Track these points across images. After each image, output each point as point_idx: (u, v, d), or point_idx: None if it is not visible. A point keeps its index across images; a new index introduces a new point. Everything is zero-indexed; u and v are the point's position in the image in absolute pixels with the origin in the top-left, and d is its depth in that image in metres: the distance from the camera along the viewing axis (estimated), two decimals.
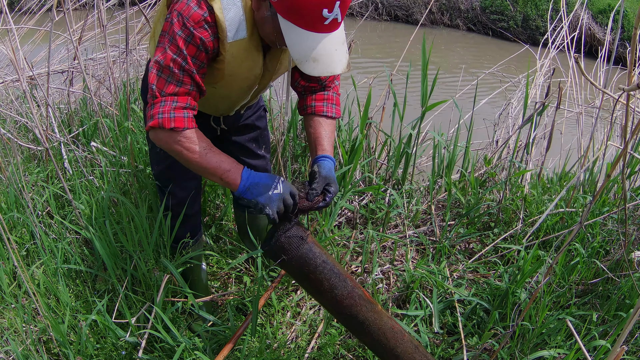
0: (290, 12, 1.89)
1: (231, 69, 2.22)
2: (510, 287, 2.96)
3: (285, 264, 2.24)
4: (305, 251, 2.19)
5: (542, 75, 5.06)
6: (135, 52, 5.37)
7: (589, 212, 2.66)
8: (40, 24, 5.65)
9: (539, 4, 13.98)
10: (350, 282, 2.26)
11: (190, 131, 2.13)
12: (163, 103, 2.10)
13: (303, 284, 2.34)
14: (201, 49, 2.07)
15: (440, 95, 7.76)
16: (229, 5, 2.06)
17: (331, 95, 2.59)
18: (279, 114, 4.04)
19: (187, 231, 2.97)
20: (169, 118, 2.09)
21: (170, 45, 2.06)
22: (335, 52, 1.99)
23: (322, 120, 2.54)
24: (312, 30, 1.92)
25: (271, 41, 2.14)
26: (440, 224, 3.86)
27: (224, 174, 2.17)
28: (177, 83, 2.10)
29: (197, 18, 2.02)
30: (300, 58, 1.96)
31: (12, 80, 5.18)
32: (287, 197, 2.15)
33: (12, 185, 3.44)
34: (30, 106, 3.41)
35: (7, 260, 3.14)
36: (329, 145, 2.47)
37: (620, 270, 3.15)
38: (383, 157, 4.35)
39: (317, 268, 2.21)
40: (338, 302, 2.24)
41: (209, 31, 2.06)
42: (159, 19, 2.36)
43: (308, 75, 2.41)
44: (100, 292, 3.02)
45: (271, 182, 2.14)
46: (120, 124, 4.17)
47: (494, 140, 4.90)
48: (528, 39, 13.93)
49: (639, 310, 1.47)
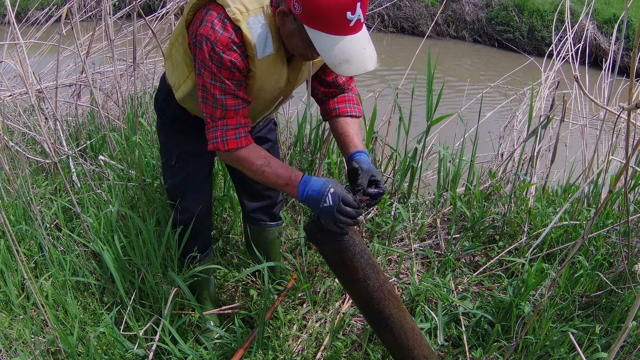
0: (316, 21, 1.95)
1: (260, 83, 2.28)
2: (514, 300, 2.98)
3: (326, 247, 2.30)
4: (347, 238, 2.24)
5: (547, 88, 5.07)
6: (142, 65, 5.40)
7: (591, 227, 2.68)
8: (48, 35, 5.69)
9: (545, 15, 13.99)
10: (382, 276, 2.31)
11: (245, 150, 2.26)
12: (215, 128, 2.23)
13: (337, 269, 2.37)
14: (233, 70, 2.13)
15: (446, 108, 7.78)
16: (254, 24, 2.11)
17: (351, 97, 2.66)
18: (285, 128, 4.07)
19: (198, 245, 3.01)
20: (222, 142, 2.23)
21: (204, 71, 2.14)
22: (364, 50, 2.05)
23: (349, 120, 2.60)
24: (340, 33, 1.98)
25: (300, 53, 2.20)
26: (445, 238, 3.88)
27: (283, 188, 2.27)
28: (221, 107, 2.20)
29: (225, 41, 2.08)
30: (334, 62, 2.02)
31: (20, 93, 5.21)
32: (343, 208, 2.15)
33: (21, 198, 3.47)
34: (38, 119, 3.44)
35: (15, 271, 3.17)
36: (360, 141, 2.53)
37: (624, 282, 3.16)
38: (389, 170, 4.38)
39: (355, 256, 2.26)
40: (368, 293, 2.29)
41: (238, 51, 2.12)
42: (175, 39, 2.39)
43: (327, 81, 2.56)
44: (108, 304, 3.04)
45: (320, 196, 2.16)
46: (127, 138, 4.20)
47: (499, 153, 4.92)
48: (534, 50, 13.93)
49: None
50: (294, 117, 3.78)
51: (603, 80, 5.18)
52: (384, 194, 2.36)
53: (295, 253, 3.66)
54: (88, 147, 4.52)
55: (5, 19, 9.12)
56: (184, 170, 2.80)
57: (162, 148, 2.86)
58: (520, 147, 4.33)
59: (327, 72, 2.58)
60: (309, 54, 2.15)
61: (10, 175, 3.43)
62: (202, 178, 2.88)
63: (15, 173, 3.82)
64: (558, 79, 4.54)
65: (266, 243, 3.28)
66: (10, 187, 3.69)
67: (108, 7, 4.12)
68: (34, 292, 2.64)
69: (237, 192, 3.21)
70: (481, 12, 14.91)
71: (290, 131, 4.04)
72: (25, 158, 4.11)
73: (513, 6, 14.45)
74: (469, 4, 15.04)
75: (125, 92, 4.96)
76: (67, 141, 4.38)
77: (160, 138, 2.86)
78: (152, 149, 3.91)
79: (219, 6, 2.10)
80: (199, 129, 2.38)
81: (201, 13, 2.15)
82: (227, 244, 3.70)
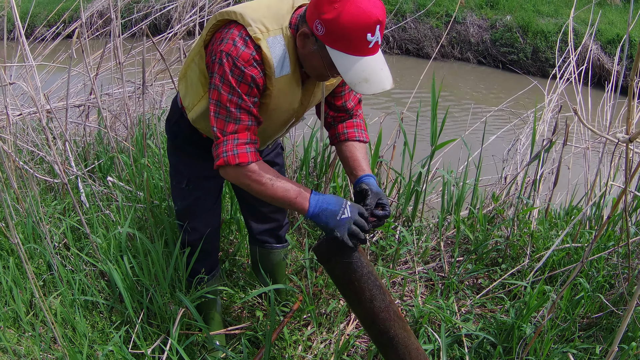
0: (338, 42, 2.05)
1: (275, 103, 2.34)
2: (516, 322, 3.00)
3: (335, 268, 2.34)
4: (355, 259, 2.29)
5: (550, 111, 5.11)
6: (150, 88, 5.45)
7: (590, 250, 2.72)
8: (55, 52, 5.74)
9: (549, 36, 14.02)
10: (388, 297, 2.34)
11: (255, 164, 2.28)
12: (225, 142, 2.25)
13: (345, 290, 2.40)
14: (252, 85, 2.20)
15: (450, 131, 7.82)
16: (274, 44, 2.19)
17: (359, 122, 2.74)
18: (292, 152, 4.12)
19: (206, 266, 3.04)
20: (233, 155, 2.24)
21: (223, 85, 2.19)
22: (382, 70, 2.14)
23: (357, 144, 2.68)
24: (360, 54, 2.08)
25: (318, 74, 2.28)
26: (449, 260, 3.91)
27: (292, 202, 2.29)
28: (235, 121, 2.24)
29: (246, 57, 2.15)
30: (353, 81, 2.10)
31: (29, 112, 5.26)
32: (358, 219, 2.24)
33: (30, 217, 3.51)
34: (47, 139, 3.48)
35: (24, 289, 3.21)
36: (367, 166, 2.60)
37: (624, 303, 3.19)
38: (393, 194, 4.41)
39: (363, 277, 2.29)
40: (375, 313, 2.31)
41: (258, 69, 2.18)
42: (192, 59, 2.44)
43: (336, 105, 2.65)
44: (117, 323, 3.07)
45: (338, 207, 2.24)
46: (136, 160, 4.25)
47: (502, 176, 4.95)
48: (538, 71, 13.95)
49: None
50: (300, 141, 3.82)
51: (605, 103, 5.22)
52: (389, 216, 2.42)
53: (301, 275, 3.69)
54: (96, 168, 4.57)
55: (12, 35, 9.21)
56: (195, 194, 2.84)
57: (172, 170, 2.89)
58: (523, 171, 4.36)
59: (337, 97, 2.66)
60: (327, 74, 2.24)
61: (19, 194, 3.48)
62: (212, 200, 2.92)
63: (25, 192, 3.87)
64: (561, 102, 4.57)
65: (272, 265, 3.32)
66: (19, 206, 3.73)
67: (117, 31, 4.18)
68: (44, 310, 2.67)
69: (244, 214, 3.24)
70: (486, 33, 14.94)
71: (296, 155, 4.08)
72: (34, 177, 4.15)
73: (517, 27, 14.49)
74: (474, 26, 15.09)
75: (133, 114, 5.00)
76: (76, 161, 4.42)
77: (171, 160, 2.89)
78: (160, 172, 3.95)
79: (240, 25, 2.18)
80: (210, 152, 2.43)
81: (221, 33, 2.23)
82: (233, 265, 3.74)
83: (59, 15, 12.46)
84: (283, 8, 2.25)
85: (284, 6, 2.26)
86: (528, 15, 14.70)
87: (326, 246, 2.31)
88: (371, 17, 2.00)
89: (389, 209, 2.40)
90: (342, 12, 1.99)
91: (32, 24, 13.83)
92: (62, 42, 5.50)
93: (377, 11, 2.01)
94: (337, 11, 1.99)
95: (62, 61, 5.62)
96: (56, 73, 5.94)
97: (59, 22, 5.98)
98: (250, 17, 2.17)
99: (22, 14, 3.93)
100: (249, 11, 2.19)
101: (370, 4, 2.00)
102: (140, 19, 11.16)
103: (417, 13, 14.50)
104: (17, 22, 3.34)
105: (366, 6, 1.99)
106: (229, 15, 2.21)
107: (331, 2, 2.01)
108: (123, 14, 9.77)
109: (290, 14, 2.25)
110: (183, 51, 4.47)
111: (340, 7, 1.99)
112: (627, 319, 1.76)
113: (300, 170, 4.01)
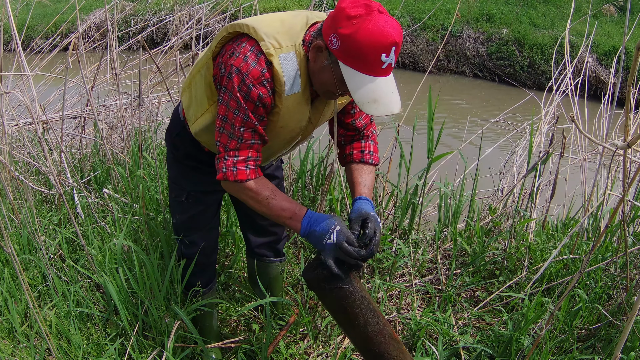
0: (352, 59, 2.02)
1: (284, 121, 2.32)
2: (514, 334, 2.99)
3: (326, 295, 2.29)
4: (346, 284, 2.24)
5: (547, 123, 5.11)
6: (147, 100, 5.45)
7: (588, 261, 2.71)
8: (52, 63, 5.74)
9: (545, 49, 14.04)
10: (382, 320, 2.30)
11: (253, 182, 2.28)
12: (226, 158, 2.26)
13: (338, 316, 2.37)
14: (258, 104, 2.17)
15: (447, 143, 7.83)
16: (286, 61, 2.16)
17: (368, 144, 2.69)
18: (287, 165, 4.11)
19: (203, 279, 3.03)
20: (232, 172, 2.25)
21: (230, 101, 2.18)
22: (392, 93, 2.11)
23: (360, 167, 2.64)
24: (372, 74, 2.05)
25: (327, 90, 2.24)
26: (446, 273, 3.90)
27: (286, 221, 2.28)
28: (237, 139, 2.23)
29: (256, 74, 2.12)
30: (362, 100, 2.07)
31: (25, 123, 5.26)
32: (345, 247, 2.16)
33: (25, 228, 3.49)
34: (43, 150, 3.48)
35: (19, 300, 3.19)
36: (364, 188, 2.55)
37: (622, 314, 3.18)
38: (390, 207, 4.40)
39: (355, 302, 2.25)
40: (369, 338, 2.28)
41: (267, 87, 2.16)
42: (198, 71, 2.41)
43: (345, 123, 2.61)
44: (112, 335, 3.06)
45: (326, 231, 2.18)
46: (131, 172, 4.24)
47: (499, 189, 4.95)
48: (534, 84, 13.96)
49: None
50: (296, 154, 3.82)
51: (602, 114, 5.22)
52: (372, 255, 2.26)
53: (297, 288, 3.67)
54: (92, 180, 4.56)
55: (9, 46, 9.23)
56: (194, 208, 2.82)
57: (171, 183, 2.86)
58: (520, 183, 4.36)
59: (346, 115, 2.62)
60: (336, 92, 2.21)
61: (15, 205, 3.47)
62: (212, 215, 2.91)
63: (20, 203, 3.85)
64: (557, 114, 4.58)
65: (270, 278, 3.30)
66: (14, 217, 3.71)
67: (114, 43, 4.18)
68: (39, 321, 2.67)
69: (242, 227, 3.23)
70: (482, 46, 14.97)
71: (292, 167, 4.08)
72: (30, 188, 4.14)
73: (513, 40, 14.52)
74: (470, 39, 15.12)
75: (129, 126, 5.00)
76: (72, 173, 4.41)
77: (171, 173, 2.86)
78: (155, 184, 3.94)
79: (253, 40, 2.15)
80: (212, 166, 2.41)
81: (232, 45, 2.20)
82: (229, 278, 3.72)
83: (56, 28, 12.52)
84: (297, 24, 2.22)
85: (298, 22, 2.23)
86: (524, 28, 14.73)
87: (315, 271, 2.26)
88: (388, 37, 1.98)
89: (373, 245, 2.25)
90: (360, 29, 1.96)
91: (29, 36, 13.87)
92: (58, 54, 5.50)
93: (394, 33, 1.99)
94: (355, 27, 1.97)
95: (59, 72, 5.62)
96: (53, 84, 5.96)
97: (55, 34, 6.00)
98: (263, 31, 2.14)
99: (19, 26, 3.93)
100: (262, 25, 2.16)
101: (388, 25, 1.98)
102: (137, 32, 11.20)
103: (413, 26, 14.50)
104: (14, 32, 3.33)
105: (384, 26, 1.97)
106: (241, 28, 2.19)
107: (350, 18, 1.98)
108: (120, 27, 9.82)
109: (304, 30, 2.22)
110: (180, 63, 4.46)
111: (358, 23, 1.97)
112: (628, 329, 1.74)
113: (296, 183, 4.00)
